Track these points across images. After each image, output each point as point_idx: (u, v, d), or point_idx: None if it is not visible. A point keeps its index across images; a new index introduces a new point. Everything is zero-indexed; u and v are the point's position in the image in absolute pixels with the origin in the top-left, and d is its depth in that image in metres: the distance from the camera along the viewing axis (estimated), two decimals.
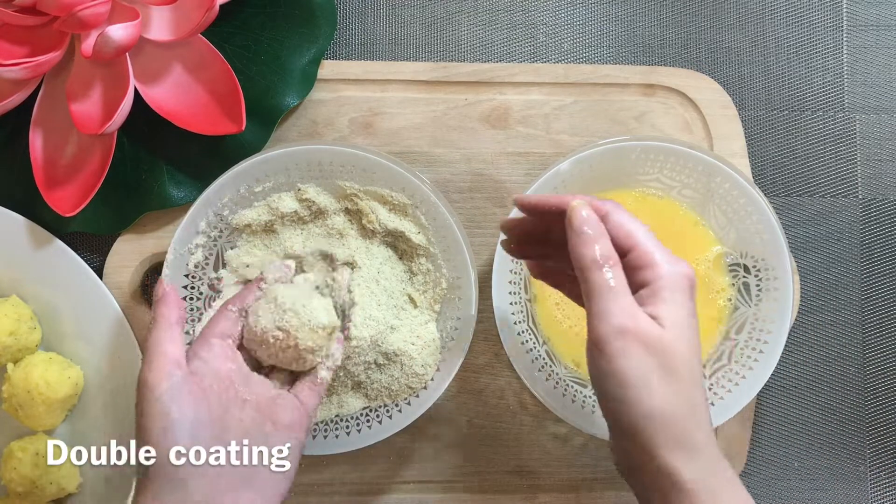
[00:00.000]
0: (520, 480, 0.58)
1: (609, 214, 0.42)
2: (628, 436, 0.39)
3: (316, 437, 0.53)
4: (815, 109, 0.62)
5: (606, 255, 0.40)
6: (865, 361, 0.61)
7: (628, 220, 0.42)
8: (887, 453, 0.61)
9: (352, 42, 0.60)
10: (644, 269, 0.41)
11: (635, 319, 0.39)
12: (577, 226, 0.41)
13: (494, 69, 0.59)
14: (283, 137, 0.58)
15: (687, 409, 0.39)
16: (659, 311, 0.40)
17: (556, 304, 0.55)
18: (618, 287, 0.40)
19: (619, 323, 0.39)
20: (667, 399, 0.38)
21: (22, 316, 0.54)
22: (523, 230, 0.48)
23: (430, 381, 0.53)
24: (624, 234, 0.42)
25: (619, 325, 0.39)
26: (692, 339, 0.40)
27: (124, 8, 0.52)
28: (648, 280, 0.41)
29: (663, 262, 0.41)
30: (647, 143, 0.52)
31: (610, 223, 0.42)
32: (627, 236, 0.41)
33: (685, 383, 0.39)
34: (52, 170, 0.55)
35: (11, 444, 0.54)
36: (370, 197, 0.54)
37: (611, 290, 0.40)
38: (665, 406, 0.38)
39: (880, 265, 0.61)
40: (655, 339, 0.39)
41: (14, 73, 0.49)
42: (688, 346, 0.39)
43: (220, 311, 0.49)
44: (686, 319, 0.40)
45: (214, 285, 0.55)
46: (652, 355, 0.38)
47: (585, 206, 0.42)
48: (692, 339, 0.40)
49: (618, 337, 0.39)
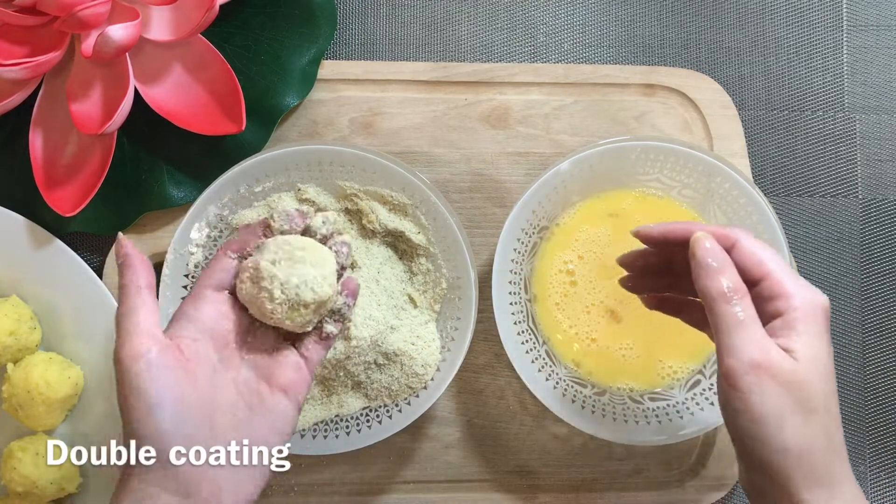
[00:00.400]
0: (520, 480, 0.58)
1: (738, 242, 0.41)
2: (763, 472, 0.38)
3: (316, 437, 0.53)
4: (815, 109, 0.62)
5: (734, 287, 0.39)
6: (865, 361, 0.61)
7: (759, 249, 0.41)
8: (887, 453, 0.61)
9: (352, 42, 0.60)
10: (777, 300, 0.40)
11: (767, 353, 0.38)
12: (700, 257, 0.41)
13: (494, 69, 0.59)
14: (283, 137, 0.58)
15: (825, 444, 0.38)
16: (793, 344, 0.39)
17: (557, 304, 0.55)
18: (747, 320, 0.39)
19: (750, 357, 0.38)
20: (803, 435, 0.37)
21: (22, 316, 0.54)
22: (645, 263, 0.47)
23: (430, 381, 0.53)
24: (754, 263, 0.41)
25: (750, 360, 0.38)
26: (828, 373, 0.39)
27: (124, 8, 0.52)
28: (781, 311, 0.39)
29: (797, 292, 0.39)
30: (647, 143, 0.52)
31: (739, 251, 0.41)
32: (758, 265, 0.40)
33: (821, 418, 0.38)
34: (52, 170, 0.55)
35: (11, 444, 0.54)
36: (370, 197, 0.54)
37: (740, 323, 0.39)
38: (801, 442, 0.37)
39: (880, 265, 0.61)
40: (789, 373, 0.38)
41: (14, 73, 0.49)
42: (823, 379, 0.38)
43: (217, 257, 0.44)
44: (821, 352, 0.39)
45: None
46: (786, 390, 0.38)
47: (709, 238, 0.41)
48: (828, 372, 0.39)
49: (749, 372, 0.38)
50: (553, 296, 0.55)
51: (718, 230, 0.42)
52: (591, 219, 0.55)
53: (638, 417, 0.53)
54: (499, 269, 0.52)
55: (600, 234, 0.55)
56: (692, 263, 0.41)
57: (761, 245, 0.41)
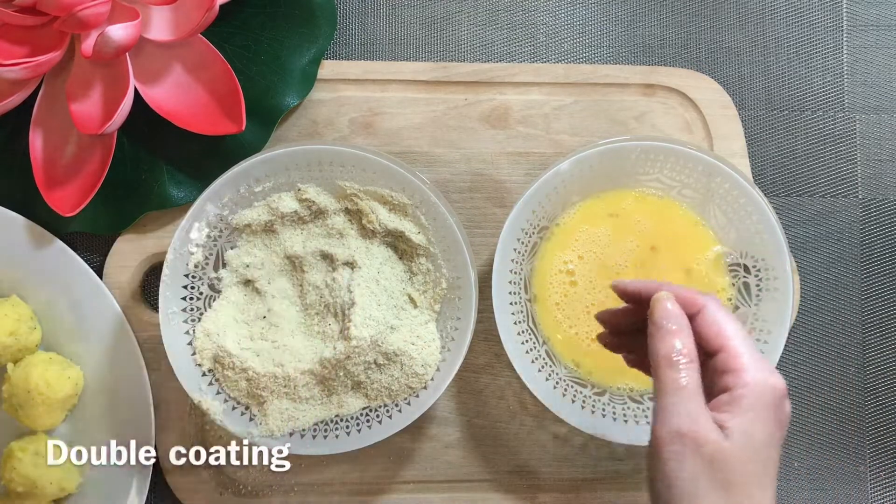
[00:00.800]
0: (520, 480, 0.58)
1: (703, 309, 0.40)
2: None
3: (316, 437, 0.53)
4: (815, 109, 0.62)
5: (683, 352, 0.39)
6: (865, 361, 0.61)
7: (723, 319, 0.40)
8: (887, 453, 0.61)
9: (352, 42, 0.60)
10: (729, 374, 0.39)
11: (696, 424, 0.37)
12: (657, 318, 0.40)
13: (494, 69, 0.59)
14: (283, 137, 0.58)
15: None
16: (730, 421, 0.38)
17: (557, 304, 0.55)
18: (688, 388, 0.38)
19: (677, 426, 0.37)
20: None
21: (22, 316, 0.54)
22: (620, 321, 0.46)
23: (430, 381, 0.53)
24: (714, 334, 0.40)
25: (676, 428, 0.37)
26: (762, 457, 0.37)
27: (124, 8, 0.52)
28: (730, 386, 0.39)
29: (751, 370, 0.38)
30: (647, 143, 0.52)
31: (701, 319, 0.40)
32: (718, 336, 0.40)
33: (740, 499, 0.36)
34: (52, 170, 0.55)
35: (11, 444, 0.54)
36: (370, 197, 0.54)
37: (679, 389, 0.38)
38: None
39: (880, 265, 0.61)
40: (713, 449, 0.37)
41: (14, 73, 0.49)
42: (754, 462, 0.37)
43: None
44: (760, 434, 0.37)
45: (214, 285, 0.55)
46: (707, 466, 0.36)
47: (671, 299, 0.41)
48: (763, 457, 0.37)
49: (674, 440, 0.37)
50: (553, 296, 0.55)
51: (687, 294, 0.41)
52: (591, 219, 0.55)
53: (638, 417, 0.53)
54: (499, 269, 0.52)
55: (600, 234, 0.55)
56: (649, 322, 0.40)
57: (728, 316, 0.40)
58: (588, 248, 0.55)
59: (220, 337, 0.53)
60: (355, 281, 0.53)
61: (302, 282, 0.55)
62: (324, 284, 0.54)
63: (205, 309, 0.54)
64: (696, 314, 0.41)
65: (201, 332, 0.53)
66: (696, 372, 0.39)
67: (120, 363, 0.55)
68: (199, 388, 0.53)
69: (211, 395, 0.53)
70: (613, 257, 0.55)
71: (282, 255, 0.55)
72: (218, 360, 0.53)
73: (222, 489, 0.57)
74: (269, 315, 0.55)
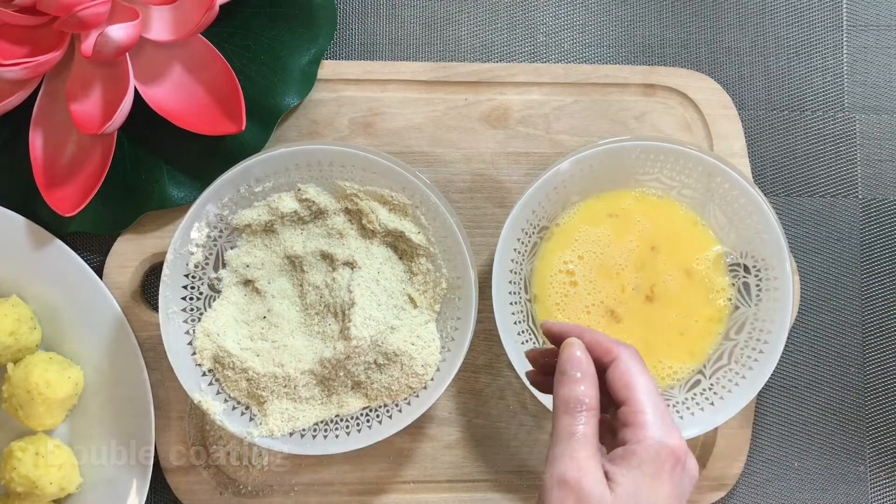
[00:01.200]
0: (520, 480, 0.58)
1: (617, 359, 0.40)
2: None
3: (316, 436, 0.53)
4: (815, 109, 0.62)
5: (581, 400, 0.39)
6: (865, 361, 0.61)
7: (634, 371, 0.40)
8: (887, 453, 0.61)
9: (352, 42, 0.60)
10: (628, 428, 0.39)
11: (581, 473, 0.37)
12: (563, 364, 0.40)
13: (494, 69, 0.59)
14: (283, 137, 0.58)
15: None
16: (619, 476, 0.37)
17: (557, 304, 0.55)
18: (580, 436, 0.38)
19: (563, 472, 0.37)
20: None
21: (22, 316, 0.54)
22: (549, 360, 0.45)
23: (430, 381, 0.53)
24: (623, 385, 0.40)
25: (561, 475, 0.37)
26: None
27: (124, 8, 0.52)
28: (627, 440, 0.38)
29: (651, 428, 0.38)
30: (647, 143, 0.52)
31: (613, 369, 0.40)
32: (625, 388, 0.39)
33: None
34: (52, 170, 0.55)
35: (11, 444, 0.54)
36: (370, 197, 0.54)
37: (571, 437, 0.38)
38: None
39: (880, 265, 0.61)
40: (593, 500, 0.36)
41: (14, 73, 0.49)
42: None
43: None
44: (648, 493, 0.37)
45: (214, 285, 0.55)
46: None
47: (580, 347, 0.41)
48: None
49: (558, 486, 0.37)
50: (553, 296, 0.55)
51: (605, 343, 0.41)
52: (591, 219, 0.55)
53: None
54: (499, 269, 0.52)
55: (600, 234, 0.55)
56: (557, 366, 0.41)
57: (640, 369, 0.40)
58: (588, 248, 0.55)
59: (220, 337, 0.53)
60: (355, 281, 0.53)
61: (302, 282, 0.55)
62: (324, 284, 0.54)
63: (205, 309, 0.54)
64: (609, 363, 0.41)
65: (201, 332, 0.53)
66: (593, 420, 0.39)
67: (120, 363, 0.55)
68: (199, 388, 0.53)
69: (211, 395, 0.53)
70: (613, 257, 0.55)
71: (282, 256, 0.55)
72: (218, 360, 0.53)
73: (222, 489, 0.57)
74: (269, 315, 0.55)
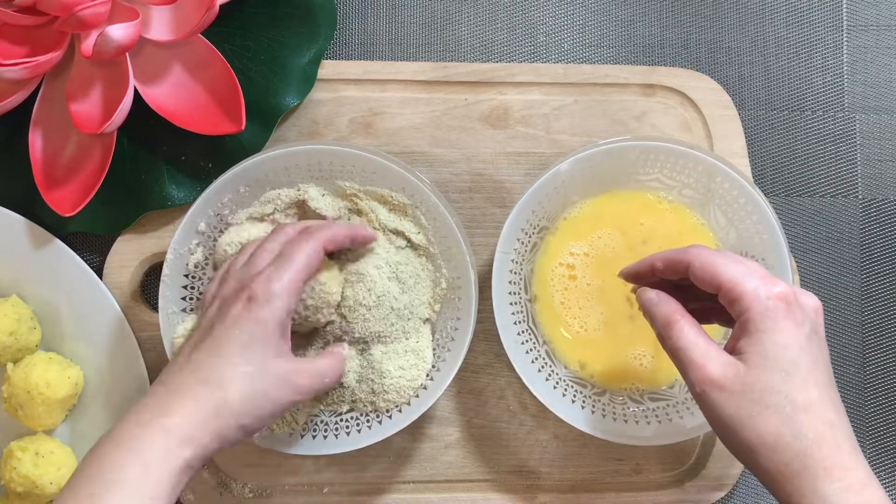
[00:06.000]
0: (520, 480, 0.58)
1: (691, 264, 0.43)
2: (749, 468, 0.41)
3: (316, 436, 0.53)
4: (815, 109, 0.62)
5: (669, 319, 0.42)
6: (865, 361, 0.61)
7: (710, 263, 0.42)
8: (887, 453, 0.61)
9: (352, 42, 0.60)
10: (733, 304, 0.41)
11: (704, 370, 0.40)
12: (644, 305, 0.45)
13: (494, 69, 0.59)
14: (283, 137, 0.58)
15: (789, 437, 0.39)
16: (744, 346, 0.40)
17: (562, 303, 0.55)
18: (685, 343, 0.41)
19: (695, 377, 0.40)
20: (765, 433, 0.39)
21: (22, 316, 0.54)
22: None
23: (430, 382, 0.53)
24: (708, 281, 0.42)
25: (695, 379, 0.40)
26: (787, 366, 0.39)
27: (124, 8, 0.52)
28: (738, 313, 0.41)
29: (747, 293, 0.40)
30: (647, 143, 0.52)
31: (693, 273, 0.43)
32: (712, 278, 0.42)
33: (779, 413, 0.39)
34: (51, 170, 0.55)
35: (11, 444, 0.54)
36: (370, 197, 0.54)
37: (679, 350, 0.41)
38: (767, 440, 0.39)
39: (880, 265, 0.61)
40: (731, 380, 0.40)
41: (14, 73, 0.49)
42: (779, 374, 0.39)
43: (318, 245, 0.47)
44: (777, 346, 0.39)
45: None
46: (736, 397, 0.39)
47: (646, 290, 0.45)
48: (787, 365, 0.39)
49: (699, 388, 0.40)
50: (555, 295, 0.55)
51: (674, 258, 0.44)
52: (592, 219, 0.55)
53: (638, 417, 0.53)
54: (499, 269, 0.52)
55: (600, 234, 0.55)
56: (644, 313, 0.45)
57: (713, 258, 0.42)
58: (588, 248, 0.55)
59: None
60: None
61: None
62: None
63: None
64: (686, 269, 0.43)
65: None
66: (688, 325, 0.42)
67: (120, 363, 0.55)
68: None
69: None
70: (613, 257, 0.55)
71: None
72: None
73: (222, 489, 0.57)
74: None
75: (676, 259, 0.44)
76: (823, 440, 0.38)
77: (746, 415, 0.39)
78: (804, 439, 0.38)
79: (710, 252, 0.43)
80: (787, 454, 0.38)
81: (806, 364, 0.40)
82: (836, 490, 0.38)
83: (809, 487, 0.38)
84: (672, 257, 0.44)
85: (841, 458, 0.38)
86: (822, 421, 0.39)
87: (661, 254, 0.45)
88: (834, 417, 0.39)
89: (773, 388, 0.39)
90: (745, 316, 0.40)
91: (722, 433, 0.41)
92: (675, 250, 0.44)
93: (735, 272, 0.41)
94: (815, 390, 0.39)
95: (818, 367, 0.40)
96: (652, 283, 0.47)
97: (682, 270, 0.44)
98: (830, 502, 0.37)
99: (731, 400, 0.39)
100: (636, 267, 0.47)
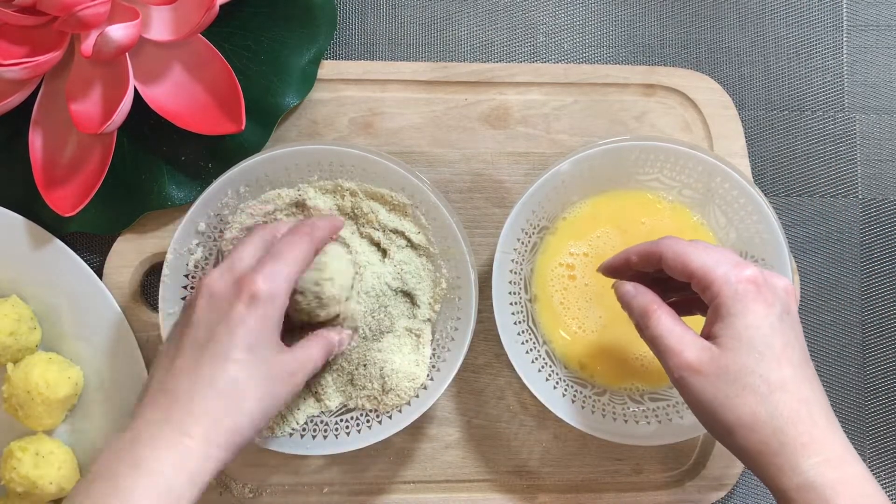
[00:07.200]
0: (520, 480, 0.58)
1: (663, 254, 0.43)
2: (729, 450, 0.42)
3: (316, 437, 0.53)
4: (815, 109, 0.62)
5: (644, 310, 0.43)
6: (865, 361, 0.61)
7: (681, 251, 0.43)
8: (887, 453, 0.61)
9: (352, 42, 0.60)
10: (705, 290, 0.42)
11: (684, 355, 0.41)
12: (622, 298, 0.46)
13: (494, 69, 0.59)
14: (283, 137, 0.58)
15: (765, 416, 0.39)
16: (717, 329, 0.41)
17: (561, 303, 0.55)
18: (662, 331, 0.42)
19: (672, 364, 0.41)
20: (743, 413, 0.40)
21: (22, 316, 0.54)
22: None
23: (430, 382, 0.53)
24: (679, 270, 0.43)
25: (673, 366, 0.41)
26: (760, 347, 0.40)
27: (124, 8, 0.52)
28: (710, 299, 0.42)
29: (719, 276, 0.41)
30: (647, 143, 0.52)
31: (665, 264, 0.43)
32: (682, 269, 0.43)
33: (755, 394, 0.40)
34: (51, 170, 0.55)
35: (11, 444, 0.54)
36: (370, 197, 0.54)
37: (656, 338, 0.42)
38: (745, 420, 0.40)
39: (880, 265, 0.61)
40: (707, 364, 0.40)
41: (14, 73, 0.49)
42: (753, 355, 0.40)
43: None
44: (750, 328, 0.40)
45: None
46: (712, 380, 0.40)
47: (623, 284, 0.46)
48: (760, 346, 0.40)
49: (677, 374, 0.41)
50: (554, 295, 0.55)
51: (646, 251, 0.45)
52: (592, 219, 0.55)
53: (638, 417, 0.53)
54: (499, 269, 0.52)
55: (600, 234, 0.55)
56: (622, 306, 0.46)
57: (683, 248, 0.43)
58: (588, 248, 0.55)
59: None
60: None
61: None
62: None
63: None
64: (659, 260, 0.44)
65: None
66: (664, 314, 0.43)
67: (120, 363, 0.55)
68: None
69: None
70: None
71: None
72: None
73: (222, 489, 0.57)
74: None
75: (650, 251, 0.44)
76: (799, 417, 0.39)
77: (724, 396, 0.40)
78: (779, 417, 0.39)
79: (682, 242, 0.43)
80: (764, 432, 0.39)
81: (779, 344, 0.40)
82: (813, 464, 0.38)
83: (788, 464, 0.38)
84: (645, 250, 0.45)
85: (817, 433, 0.39)
86: (797, 398, 0.39)
87: (636, 247, 0.46)
88: (809, 394, 0.40)
89: (747, 369, 0.40)
90: (717, 301, 0.41)
91: (702, 416, 0.41)
92: (648, 243, 0.45)
93: (705, 259, 0.42)
94: (789, 369, 0.40)
95: (791, 347, 0.41)
96: (631, 276, 0.48)
97: (655, 262, 0.44)
98: (809, 477, 0.38)
99: (707, 383, 0.40)
100: (613, 261, 0.48)
